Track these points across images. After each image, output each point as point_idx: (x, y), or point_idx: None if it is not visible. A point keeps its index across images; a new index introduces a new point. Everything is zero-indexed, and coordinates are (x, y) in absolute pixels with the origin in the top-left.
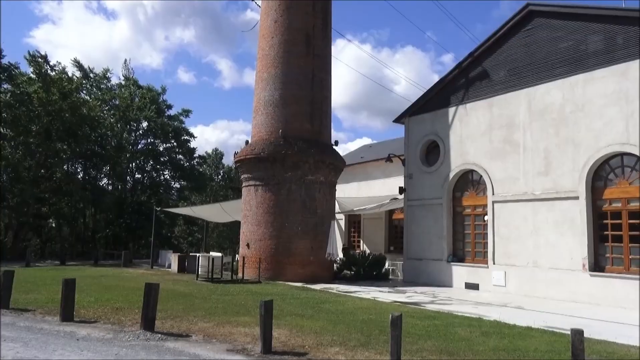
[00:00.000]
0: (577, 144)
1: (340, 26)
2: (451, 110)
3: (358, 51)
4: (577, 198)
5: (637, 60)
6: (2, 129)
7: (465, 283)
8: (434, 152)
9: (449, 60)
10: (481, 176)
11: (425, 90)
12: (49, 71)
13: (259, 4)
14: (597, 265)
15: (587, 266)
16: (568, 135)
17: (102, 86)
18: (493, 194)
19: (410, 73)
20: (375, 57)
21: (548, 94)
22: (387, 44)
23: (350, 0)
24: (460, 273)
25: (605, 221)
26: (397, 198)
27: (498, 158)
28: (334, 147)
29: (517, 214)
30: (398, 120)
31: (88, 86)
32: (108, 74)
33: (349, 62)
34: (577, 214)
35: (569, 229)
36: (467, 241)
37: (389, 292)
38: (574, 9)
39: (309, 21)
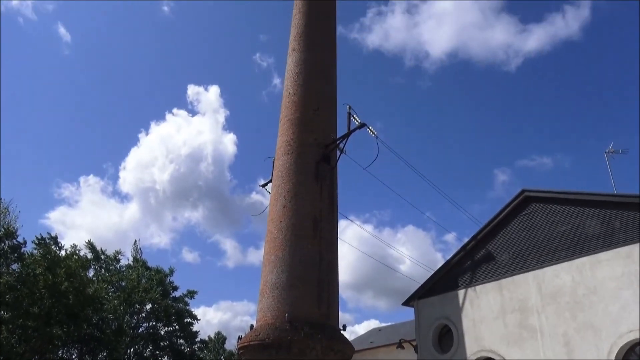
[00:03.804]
0: (597, 329)
1: (344, 208)
2: (461, 292)
3: (361, 231)
4: None
5: (639, 244)
6: (2, 312)
7: None
8: (447, 336)
9: (452, 239)
10: None
11: (430, 270)
12: (58, 252)
13: (269, 191)
14: None
15: None
16: (586, 319)
17: (111, 267)
18: None
19: (413, 252)
20: (378, 237)
21: (557, 277)
22: (388, 224)
23: (354, 185)
24: None
25: None
26: None
27: (515, 344)
28: (343, 331)
29: None
30: (407, 303)
31: (97, 267)
32: (119, 256)
33: (352, 242)
34: None
35: None
36: None
37: None
38: (569, 195)
39: (317, 206)
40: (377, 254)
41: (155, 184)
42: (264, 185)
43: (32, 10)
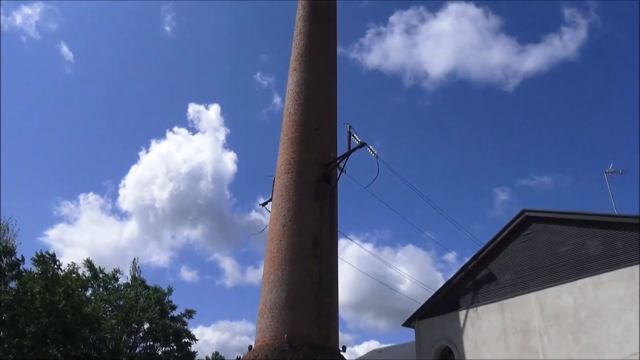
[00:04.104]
0: (600, 352)
1: (343, 226)
2: (462, 313)
3: (361, 250)
4: None
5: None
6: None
7: None
8: (448, 358)
9: (452, 259)
10: None
11: (431, 291)
12: (56, 270)
13: (269, 210)
14: None
15: None
16: (589, 341)
17: (109, 286)
18: None
19: (413, 272)
20: (378, 256)
21: (559, 298)
22: (388, 243)
23: (354, 204)
24: None
25: None
26: None
27: None
28: (342, 352)
29: None
30: (407, 324)
31: (95, 286)
32: (117, 274)
33: (352, 261)
34: None
35: None
36: None
37: None
38: (570, 215)
39: (317, 225)
40: (377, 274)
41: (154, 202)
42: (264, 204)
43: (35, 29)
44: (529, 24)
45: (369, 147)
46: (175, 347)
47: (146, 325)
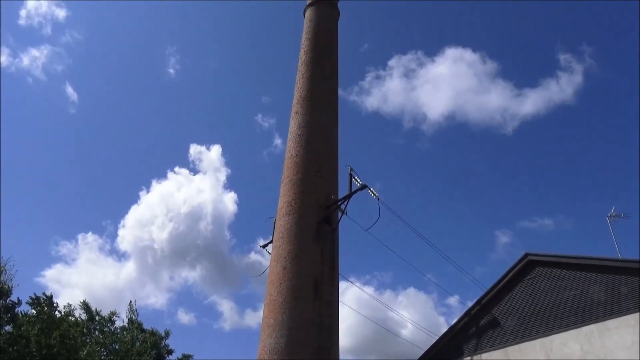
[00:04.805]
0: None
1: (344, 269)
2: None
3: (362, 293)
4: None
5: None
6: None
7: None
8: None
9: (454, 302)
10: None
11: (433, 335)
12: (53, 312)
13: (269, 252)
14: None
15: None
16: None
17: (105, 329)
18: None
19: (414, 315)
20: (379, 299)
21: (565, 345)
22: (389, 286)
23: (355, 246)
24: None
25: None
26: None
27: None
28: None
29: None
30: None
31: (91, 328)
32: (114, 317)
33: (353, 304)
34: None
35: None
36: None
37: None
38: (573, 260)
39: (317, 268)
40: (378, 317)
41: (153, 243)
42: (264, 246)
43: (41, 71)
44: (525, 69)
45: (370, 190)
46: None
47: None
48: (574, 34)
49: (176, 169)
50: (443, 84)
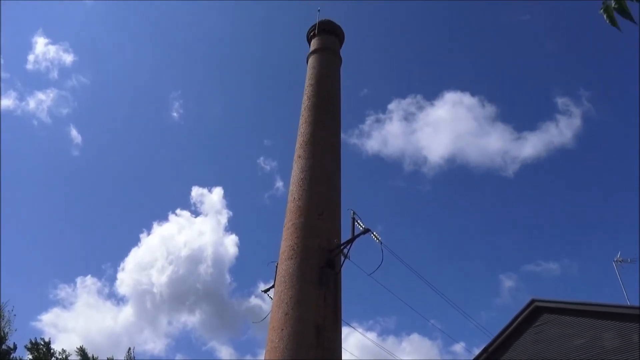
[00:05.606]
0: None
1: (347, 314)
2: None
3: (364, 339)
4: None
5: None
6: None
7: None
8: None
9: (460, 349)
10: None
11: None
12: (50, 358)
13: (271, 296)
14: None
15: None
16: None
17: None
18: None
19: None
20: (382, 346)
21: None
22: (393, 332)
23: (358, 291)
24: None
25: None
26: None
27: None
28: None
29: None
30: None
31: None
32: None
33: (355, 351)
34: None
35: None
36: None
37: None
38: (582, 306)
39: (320, 313)
40: None
41: (152, 287)
42: (266, 291)
43: (47, 114)
44: (524, 112)
45: (372, 233)
46: None
47: None
48: (570, 78)
49: (177, 211)
50: (443, 127)
